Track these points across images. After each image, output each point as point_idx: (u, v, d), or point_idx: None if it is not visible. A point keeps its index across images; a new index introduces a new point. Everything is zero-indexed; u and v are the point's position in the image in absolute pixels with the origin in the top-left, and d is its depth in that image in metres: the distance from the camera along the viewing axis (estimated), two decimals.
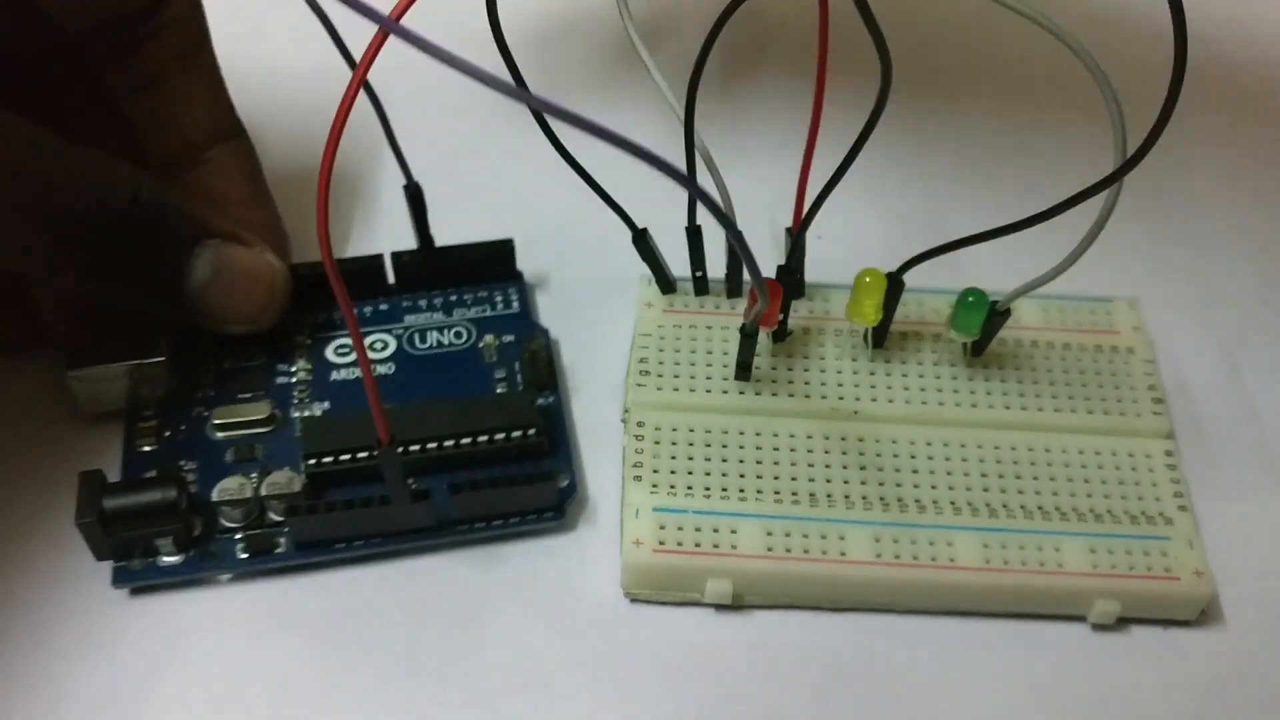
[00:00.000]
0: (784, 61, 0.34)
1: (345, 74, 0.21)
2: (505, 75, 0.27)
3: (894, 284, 0.29)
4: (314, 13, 0.26)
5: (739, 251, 0.23)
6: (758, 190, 0.33)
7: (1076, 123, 0.38)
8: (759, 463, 0.29)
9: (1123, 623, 0.28)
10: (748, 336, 0.29)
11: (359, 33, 0.19)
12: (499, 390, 0.31)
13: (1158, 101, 0.22)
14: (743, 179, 0.30)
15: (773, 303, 0.28)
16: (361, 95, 0.27)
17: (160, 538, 0.27)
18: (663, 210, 0.30)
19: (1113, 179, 0.24)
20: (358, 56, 0.21)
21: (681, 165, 0.28)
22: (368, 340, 0.32)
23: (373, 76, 0.27)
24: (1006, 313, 0.29)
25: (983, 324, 0.29)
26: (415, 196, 0.31)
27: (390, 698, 0.27)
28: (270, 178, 0.34)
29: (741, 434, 0.29)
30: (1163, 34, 0.21)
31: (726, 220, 0.21)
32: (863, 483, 0.29)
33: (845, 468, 0.29)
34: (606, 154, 0.30)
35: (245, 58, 0.40)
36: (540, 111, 0.18)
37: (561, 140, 0.29)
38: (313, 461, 0.28)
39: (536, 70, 0.28)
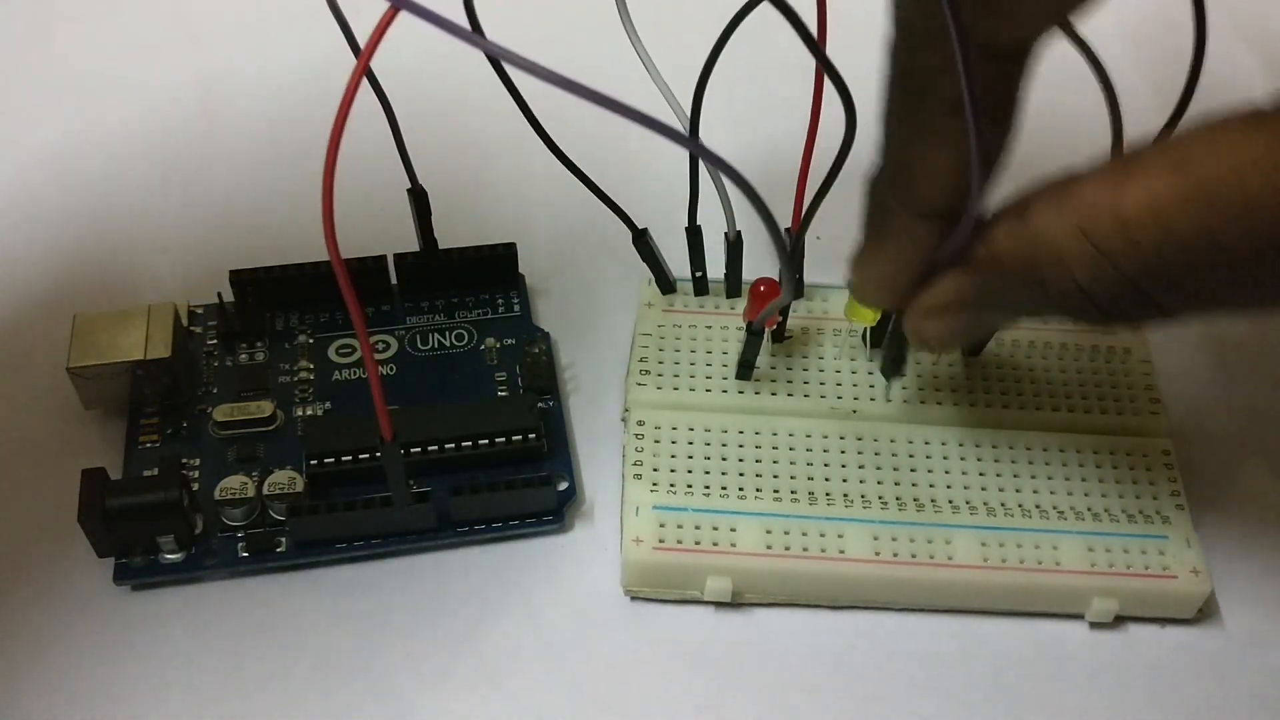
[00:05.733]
0: (782, 62, 0.35)
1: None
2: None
3: None
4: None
5: (756, 209, 0.22)
6: (757, 190, 0.33)
7: (1074, 123, 0.38)
8: (758, 461, 0.29)
9: (1120, 621, 0.28)
10: (754, 335, 0.29)
11: (367, 25, 0.20)
12: (500, 393, 0.31)
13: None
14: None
15: (772, 300, 0.28)
16: (373, 102, 0.27)
17: (162, 535, 0.27)
18: (662, 211, 0.30)
19: None
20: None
21: (682, 165, 0.28)
22: (370, 341, 0.32)
23: (381, 81, 0.28)
24: None
25: None
26: (420, 199, 0.31)
27: (391, 695, 0.27)
28: (275, 178, 0.34)
29: (741, 433, 0.29)
30: (1159, 34, 0.21)
31: (736, 176, 0.21)
32: (861, 481, 0.29)
33: (844, 466, 0.29)
34: (606, 156, 0.30)
35: (250, 56, 0.41)
36: (545, 79, 0.18)
37: (560, 146, 0.29)
38: (315, 462, 0.29)
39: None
